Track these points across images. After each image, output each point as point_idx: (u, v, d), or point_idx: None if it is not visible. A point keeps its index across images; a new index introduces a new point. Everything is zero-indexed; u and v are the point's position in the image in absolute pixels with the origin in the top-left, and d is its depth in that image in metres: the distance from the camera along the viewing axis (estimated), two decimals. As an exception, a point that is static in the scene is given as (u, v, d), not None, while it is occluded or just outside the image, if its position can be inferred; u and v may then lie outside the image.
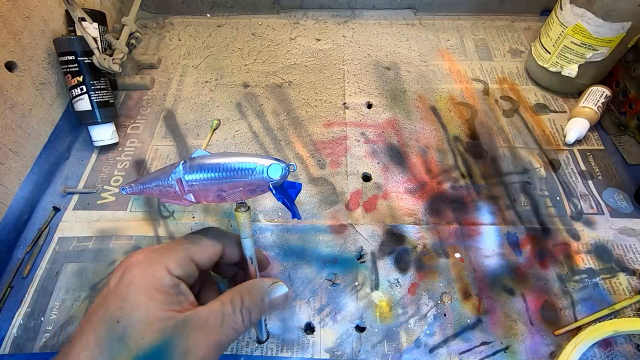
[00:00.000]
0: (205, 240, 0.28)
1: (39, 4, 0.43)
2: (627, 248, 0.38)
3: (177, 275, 0.25)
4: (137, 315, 0.23)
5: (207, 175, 0.26)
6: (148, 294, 0.24)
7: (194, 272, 0.27)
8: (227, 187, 0.26)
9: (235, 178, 0.25)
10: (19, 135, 0.40)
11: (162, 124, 0.49)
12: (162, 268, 0.25)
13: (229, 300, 0.26)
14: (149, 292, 0.24)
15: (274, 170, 0.25)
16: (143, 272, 0.24)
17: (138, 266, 0.25)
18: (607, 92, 0.46)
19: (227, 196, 0.27)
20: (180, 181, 0.26)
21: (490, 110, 0.50)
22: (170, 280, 0.25)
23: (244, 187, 0.26)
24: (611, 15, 0.41)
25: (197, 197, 0.27)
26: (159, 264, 0.25)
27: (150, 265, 0.25)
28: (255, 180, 0.25)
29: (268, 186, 0.26)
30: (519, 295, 0.36)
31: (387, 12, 0.62)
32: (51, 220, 0.41)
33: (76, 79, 0.44)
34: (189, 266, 0.26)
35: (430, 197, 0.42)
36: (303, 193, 0.43)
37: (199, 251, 0.27)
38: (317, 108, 0.50)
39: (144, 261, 0.25)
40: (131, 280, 0.24)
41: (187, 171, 0.26)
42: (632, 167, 0.44)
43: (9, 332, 0.34)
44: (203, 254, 0.27)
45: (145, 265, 0.25)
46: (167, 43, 0.59)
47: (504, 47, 0.57)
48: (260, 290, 0.27)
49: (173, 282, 0.25)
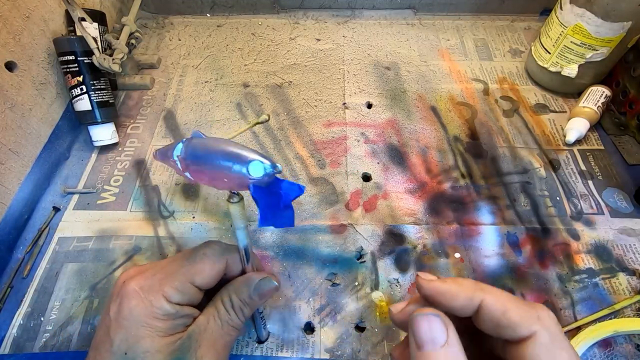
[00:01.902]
0: (206, 260, 0.27)
1: (39, 4, 0.43)
2: (627, 248, 0.38)
3: (177, 302, 0.25)
4: (144, 346, 0.23)
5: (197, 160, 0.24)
6: (150, 325, 0.24)
7: (195, 294, 0.26)
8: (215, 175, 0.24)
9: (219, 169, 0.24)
10: (19, 135, 0.40)
11: (162, 124, 0.49)
12: (160, 298, 0.24)
13: (221, 302, 0.27)
14: (150, 323, 0.24)
15: (255, 168, 0.23)
16: (142, 303, 0.24)
17: (135, 297, 0.24)
18: (607, 92, 0.46)
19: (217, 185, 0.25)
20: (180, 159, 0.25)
21: (490, 110, 0.50)
22: (170, 308, 0.24)
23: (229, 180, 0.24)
24: (611, 15, 0.41)
25: (194, 177, 0.26)
26: (157, 293, 0.24)
27: (148, 295, 0.24)
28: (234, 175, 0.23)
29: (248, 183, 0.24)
30: (519, 295, 0.36)
31: (387, 12, 0.62)
32: (51, 220, 0.41)
33: (76, 79, 0.44)
34: (188, 291, 0.25)
35: (430, 197, 0.42)
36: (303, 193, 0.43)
37: (199, 273, 0.26)
38: (317, 108, 0.50)
39: (142, 291, 0.25)
40: (130, 312, 0.24)
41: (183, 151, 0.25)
42: (632, 167, 0.44)
43: (9, 332, 0.34)
44: (204, 275, 0.26)
45: (143, 296, 0.24)
46: (167, 43, 0.59)
47: (504, 47, 0.57)
48: (248, 286, 0.27)
49: (173, 309, 0.25)
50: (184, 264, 0.26)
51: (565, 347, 0.18)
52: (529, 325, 0.18)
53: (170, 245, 0.39)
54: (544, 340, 0.17)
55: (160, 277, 0.25)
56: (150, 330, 0.24)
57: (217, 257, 0.27)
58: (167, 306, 0.24)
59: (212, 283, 0.27)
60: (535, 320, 0.18)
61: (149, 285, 0.25)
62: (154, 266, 0.27)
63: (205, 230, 0.40)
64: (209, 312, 0.26)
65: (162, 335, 0.24)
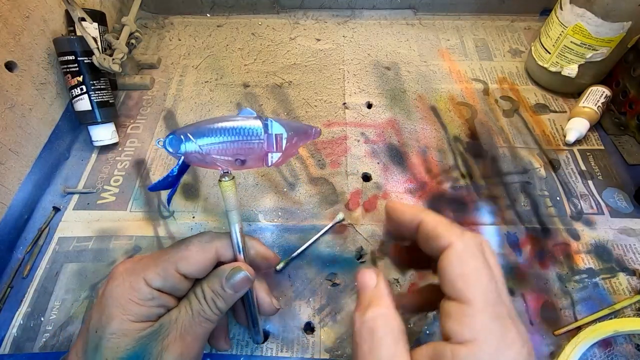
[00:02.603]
0: (192, 247, 0.26)
1: (39, 4, 0.43)
2: (627, 248, 0.38)
3: (157, 287, 0.25)
4: (112, 327, 0.24)
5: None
6: (124, 307, 0.24)
7: (179, 282, 0.26)
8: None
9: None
10: (19, 135, 0.40)
11: (162, 124, 0.49)
12: (140, 280, 0.25)
13: (194, 293, 0.26)
14: (125, 305, 0.24)
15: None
16: (122, 284, 0.25)
17: (119, 278, 0.25)
18: (607, 92, 0.46)
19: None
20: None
21: (490, 110, 0.50)
22: (148, 293, 0.25)
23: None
24: (611, 15, 0.41)
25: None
26: (138, 276, 0.25)
27: (130, 277, 0.25)
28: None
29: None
30: (519, 295, 0.36)
31: (387, 12, 0.62)
32: (51, 220, 0.41)
33: (76, 79, 0.44)
34: (171, 278, 0.25)
35: (430, 197, 0.42)
36: (303, 193, 0.43)
37: (184, 259, 0.26)
38: (317, 108, 0.50)
39: (125, 272, 0.25)
40: (110, 292, 0.25)
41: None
42: (632, 167, 0.44)
43: (9, 332, 0.34)
44: (189, 262, 0.26)
45: (125, 277, 0.25)
46: (167, 43, 0.59)
47: (504, 47, 0.57)
48: (219, 277, 0.26)
49: (151, 294, 0.25)
50: (169, 252, 0.26)
51: (477, 256, 0.19)
52: (449, 237, 0.20)
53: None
54: (457, 248, 0.19)
55: (146, 261, 0.26)
56: (122, 312, 0.24)
57: (204, 244, 0.27)
58: (146, 289, 0.24)
59: (200, 271, 0.26)
60: (457, 235, 0.20)
61: (132, 268, 0.25)
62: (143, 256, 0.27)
63: (205, 230, 0.40)
64: (182, 304, 0.26)
65: (133, 319, 0.24)
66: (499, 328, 0.18)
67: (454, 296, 0.19)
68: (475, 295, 0.18)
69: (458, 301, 0.18)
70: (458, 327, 0.18)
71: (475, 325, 0.17)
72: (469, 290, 0.18)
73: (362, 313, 0.21)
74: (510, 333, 0.18)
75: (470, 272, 0.19)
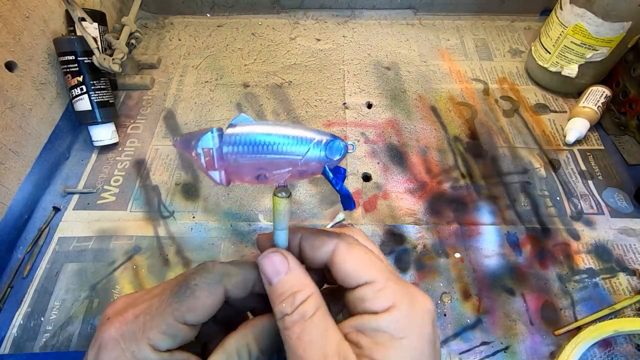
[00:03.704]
0: (199, 293, 0.21)
1: (39, 4, 0.43)
2: (627, 248, 0.38)
3: (166, 349, 0.20)
4: None
5: (247, 149, 0.20)
6: None
7: (187, 334, 0.21)
8: (272, 165, 0.20)
9: (285, 155, 0.20)
10: (19, 135, 0.40)
11: (162, 124, 0.49)
12: (145, 346, 0.20)
13: (235, 351, 0.21)
14: None
15: (334, 149, 0.20)
16: (122, 356, 0.20)
17: (114, 347, 0.20)
18: (607, 92, 0.46)
19: (269, 177, 0.21)
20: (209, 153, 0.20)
21: (490, 110, 0.50)
22: (158, 358, 0.20)
23: (294, 167, 0.20)
24: (611, 15, 0.41)
25: (230, 175, 0.21)
26: (141, 342, 0.20)
27: (130, 344, 0.20)
28: (309, 160, 0.20)
29: (323, 168, 0.20)
30: (519, 295, 0.36)
31: (387, 12, 0.62)
32: (51, 220, 0.41)
33: (76, 79, 0.44)
34: (179, 333, 0.21)
35: (430, 197, 0.42)
36: (303, 193, 0.43)
37: (191, 309, 0.21)
38: (317, 108, 0.50)
39: (121, 339, 0.20)
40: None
41: (221, 141, 0.20)
42: (632, 167, 0.44)
43: (9, 332, 0.34)
44: (196, 311, 0.21)
45: (123, 345, 0.20)
46: (167, 43, 0.59)
47: (504, 47, 0.57)
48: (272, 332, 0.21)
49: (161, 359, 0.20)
50: (172, 301, 0.21)
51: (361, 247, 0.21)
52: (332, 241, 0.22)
53: (170, 245, 0.39)
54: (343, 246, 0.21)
55: (144, 319, 0.21)
56: None
57: (212, 287, 0.21)
58: (154, 357, 0.20)
59: (207, 317, 0.21)
60: (338, 236, 0.22)
61: (130, 332, 0.20)
62: (141, 300, 0.22)
63: (205, 230, 0.40)
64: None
65: None
66: (405, 289, 0.20)
67: (361, 282, 0.20)
68: (376, 273, 0.20)
69: (365, 285, 0.20)
70: (374, 302, 0.19)
71: (387, 294, 0.19)
72: (371, 272, 0.20)
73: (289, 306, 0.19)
74: (412, 288, 0.20)
75: (363, 259, 0.21)
